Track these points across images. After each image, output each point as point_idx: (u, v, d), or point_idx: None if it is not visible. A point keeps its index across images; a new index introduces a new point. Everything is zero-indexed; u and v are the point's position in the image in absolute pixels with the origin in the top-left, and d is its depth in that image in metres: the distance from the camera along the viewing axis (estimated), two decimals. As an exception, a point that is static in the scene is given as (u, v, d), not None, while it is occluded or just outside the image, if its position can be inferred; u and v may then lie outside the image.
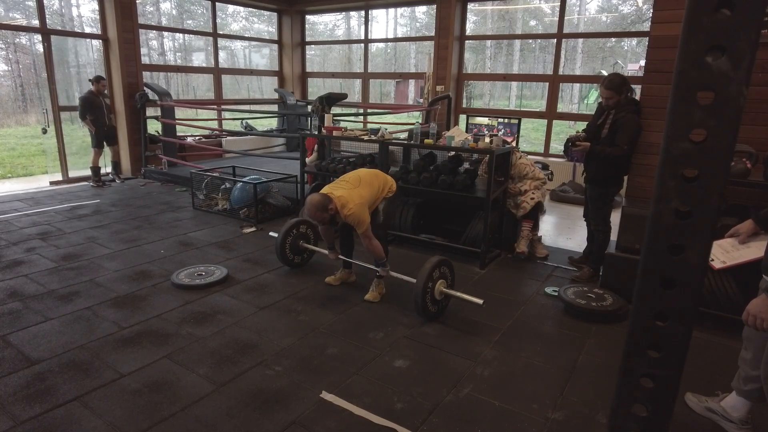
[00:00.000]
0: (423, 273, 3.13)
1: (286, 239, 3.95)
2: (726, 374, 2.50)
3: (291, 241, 3.98)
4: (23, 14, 10.60)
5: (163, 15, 13.64)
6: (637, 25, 14.23)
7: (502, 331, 3.13)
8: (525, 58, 17.94)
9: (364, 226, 3.25)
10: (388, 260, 3.49)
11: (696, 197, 1.03)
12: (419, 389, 2.49)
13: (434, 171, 4.50)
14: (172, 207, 5.95)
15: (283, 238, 3.94)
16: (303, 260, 4.15)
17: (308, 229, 4.12)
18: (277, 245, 3.95)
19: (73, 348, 2.78)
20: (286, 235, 3.95)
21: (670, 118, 1.02)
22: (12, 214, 5.45)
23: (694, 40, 0.95)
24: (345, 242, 3.72)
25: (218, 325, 3.08)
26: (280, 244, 3.94)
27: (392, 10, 14.58)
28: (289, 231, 3.97)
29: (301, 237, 4.06)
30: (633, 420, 1.26)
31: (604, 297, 3.41)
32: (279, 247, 3.94)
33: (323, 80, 11.58)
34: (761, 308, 1.66)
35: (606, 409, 2.35)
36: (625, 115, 3.55)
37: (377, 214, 3.47)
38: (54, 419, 2.19)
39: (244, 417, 2.24)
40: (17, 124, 12.81)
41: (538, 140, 11.17)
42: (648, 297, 1.15)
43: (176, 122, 7.78)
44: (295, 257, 4.05)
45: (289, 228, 3.98)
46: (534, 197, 4.38)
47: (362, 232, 3.28)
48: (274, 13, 10.04)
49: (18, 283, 3.63)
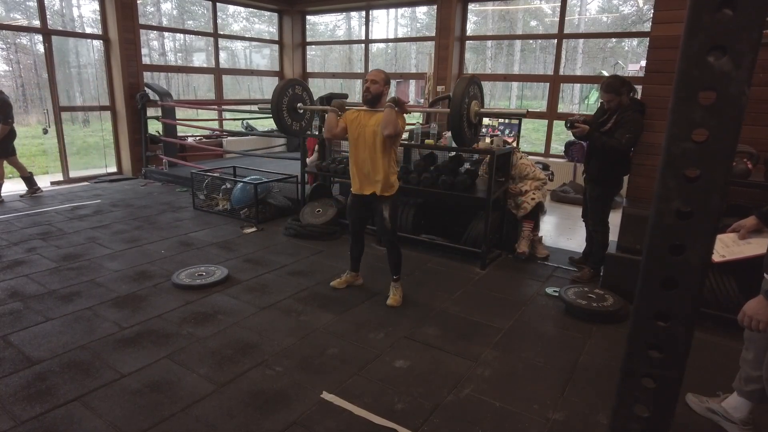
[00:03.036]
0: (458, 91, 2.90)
1: (282, 100, 3.66)
2: (727, 375, 2.50)
3: (287, 103, 3.71)
4: (24, 14, 10.60)
5: (164, 15, 13.65)
6: (637, 25, 14.23)
7: (503, 332, 3.12)
8: (525, 58, 17.94)
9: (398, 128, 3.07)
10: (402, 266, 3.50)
11: (697, 197, 1.03)
12: (420, 389, 2.48)
13: (435, 171, 4.50)
14: (173, 207, 5.95)
15: (278, 100, 3.64)
16: (301, 127, 3.87)
17: (303, 91, 3.87)
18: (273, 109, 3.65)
19: (73, 348, 2.78)
20: (281, 97, 3.66)
21: (672, 118, 1.01)
22: (13, 214, 5.46)
23: (695, 39, 0.95)
24: (355, 246, 3.64)
25: (219, 326, 3.08)
26: (276, 106, 3.63)
27: (393, 10, 14.59)
28: (283, 92, 3.68)
29: (297, 99, 3.79)
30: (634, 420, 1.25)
31: (605, 297, 3.41)
32: (275, 111, 3.62)
33: (324, 80, 11.59)
34: (757, 309, 1.65)
35: (607, 409, 2.35)
36: (631, 114, 3.55)
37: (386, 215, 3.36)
38: (54, 419, 2.19)
39: (244, 417, 2.24)
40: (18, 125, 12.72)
41: (539, 140, 11.16)
42: (649, 297, 1.14)
43: (177, 122, 7.79)
44: (293, 123, 3.80)
45: (282, 88, 3.68)
46: (535, 197, 4.38)
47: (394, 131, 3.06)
48: (275, 14, 10.05)
49: (19, 283, 3.63)
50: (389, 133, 3.05)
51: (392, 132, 3.05)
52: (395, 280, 3.49)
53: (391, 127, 3.04)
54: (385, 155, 3.22)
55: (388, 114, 3.05)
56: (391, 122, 3.04)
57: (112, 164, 7.91)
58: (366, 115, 3.26)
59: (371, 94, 3.22)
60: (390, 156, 3.26)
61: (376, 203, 3.36)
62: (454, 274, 4.07)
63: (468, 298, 3.61)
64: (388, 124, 3.04)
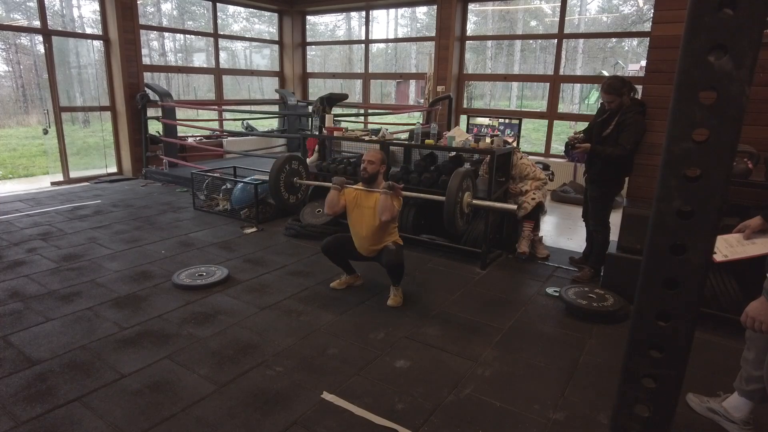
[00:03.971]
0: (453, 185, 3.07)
1: (279, 176, 3.77)
2: (728, 375, 2.50)
3: (284, 178, 3.81)
4: (24, 15, 10.61)
5: (164, 16, 13.66)
6: (637, 25, 14.23)
7: (503, 332, 3.12)
8: (526, 58, 17.94)
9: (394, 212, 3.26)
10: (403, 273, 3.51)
11: (698, 197, 1.03)
12: (420, 389, 2.48)
13: (435, 171, 4.50)
14: (173, 207, 5.95)
15: (276, 175, 3.75)
16: (297, 200, 4.00)
17: (300, 165, 3.98)
18: (271, 184, 3.77)
19: (74, 348, 2.78)
20: (279, 172, 3.78)
21: (672, 118, 1.01)
22: (13, 215, 5.46)
23: (696, 39, 0.95)
24: (338, 260, 3.65)
25: (219, 326, 3.08)
26: (274, 182, 3.75)
27: (393, 10, 14.58)
28: (281, 167, 3.80)
29: (294, 174, 3.89)
30: (635, 420, 1.25)
31: (606, 297, 3.41)
32: (273, 186, 3.74)
33: (324, 81, 11.58)
34: (760, 311, 1.65)
35: (608, 409, 2.35)
36: (633, 116, 3.54)
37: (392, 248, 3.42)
38: (55, 419, 2.19)
39: (245, 417, 2.24)
40: (18, 125, 12.83)
41: (539, 141, 11.16)
42: (650, 297, 1.14)
43: (177, 123, 7.79)
44: (290, 196, 3.91)
45: (281, 164, 3.80)
46: (535, 197, 4.37)
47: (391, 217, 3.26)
48: (275, 14, 10.05)
49: (19, 284, 3.63)
50: (386, 219, 3.26)
51: (389, 218, 3.26)
52: (395, 285, 3.50)
53: (388, 214, 3.24)
54: (385, 229, 3.42)
55: (384, 201, 3.24)
56: (388, 209, 3.23)
57: (112, 164, 7.92)
58: (364, 195, 3.45)
59: (368, 174, 3.41)
60: (389, 227, 3.44)
61: None
62: (454, 274, 4.07)
63: (468, 298, 3.60)
64: (385, 210, 3.23)
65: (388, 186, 3.26)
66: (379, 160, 3.45)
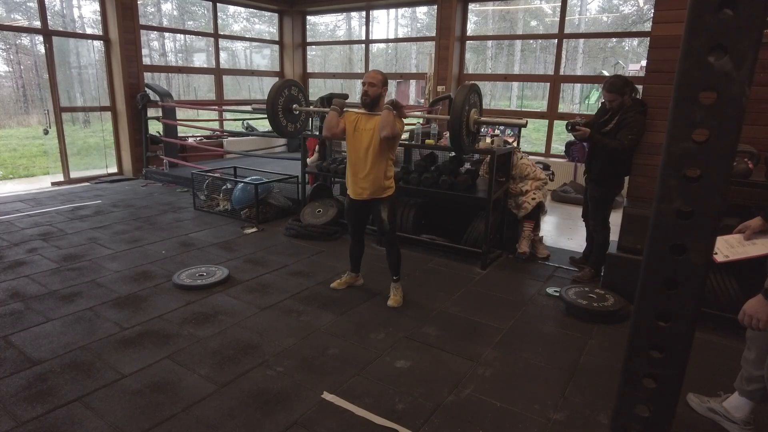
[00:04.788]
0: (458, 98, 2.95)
1: (277, 101, 3.65)
2: (728, 375, 2.50)
3: (283, 103, 3.68)
4: (25, 15, 10.62)
5: (164, 16, 13.67)
6: (638, 25, 14.23)
7: (504, 332, 3.12)
8: (526, 58, 17.94)
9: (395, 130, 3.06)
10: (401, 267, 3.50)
11: (698, 197, 1.03)
12: (420, 390, 2.48)
13: (435, 171, 4.50)
14: (174, 208, 5.95)
15: (273, 101, 3.63)
16: (296, 129, 3.87)
17: (299, 92, 3.85)
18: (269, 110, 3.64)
19: (74, 348, 2.78)
20: (277, 97, 3.64)
21: (672, 118, 1.01)
22: (14, 215, 5.46)
23: (696, 40, 0.95)
24: (356, 246, 3.63)
25: (219, 326, 3.09)
26: (272, 107, 3.63)
27: (393, 10, 14.60)
28: (279, 93, 3.66)
29: (293, 100, 3.76)
30: (635, 420, 1.25)
31: (606, 297, 3.41)
32: (270, 111, 3.61)
33: (324, 81, 11.59)
34: (757, 308, 1.66)
35: (608, 409, 2.35)
36: (633, 115, 3.55)
37: (384, 216, 3.35)
38: (55, 420, 2.20)
39: (245, 417, 2.24)
40: (19, 125, 12.84)
41: (539, 140, 11.16)
42: (650, 297, 1.14)
43: (177, 123, 7.79)
44: (288, 123, 3.79)
45: (278, 89, 3.66)
46: (535, 197, 4.37)
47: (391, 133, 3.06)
48: (275, 14, 10.05)
49: (20, 284, 3.63)
50: (387, 134, 3.06)
51: (389, 134, 3.05)
52: (395, 280, 3.49)
53: (389, 129, 3.04)
54: (382, 157, 3.22)
55: (386, 116, 3.05)
56: (389, 124, 3.04)
57: (112, 165, 7.92)
58: (365, 118, 3.26)
59: (370, 98, 3.21)
60: (387, 159, 3.26)
61: (373, 206, 3.36)
62: (454, 274, 4.07)
63: (469, 298, 3.61)
64: (386, 125, 3.04)
65: (391, 103, 3.06)
66: (380, 82, 3.21)
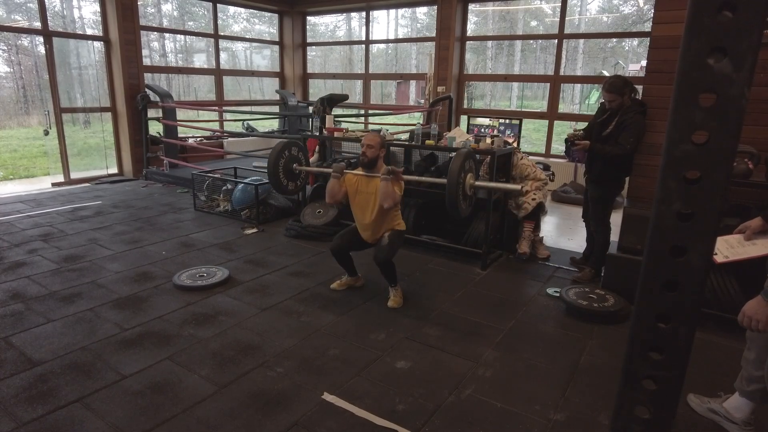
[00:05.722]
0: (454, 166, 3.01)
1: (279, 162, 3.75)
2: (728, 375, 2.50)
3: (284, 164, 3.78)
4: (25, 16, 10.63)
5: (165, 16, 13.67)
6: (638, 25, 14.23)
7: (504, 332, 3.12)
8: (526, 58, 17.93)
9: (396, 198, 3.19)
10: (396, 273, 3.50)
11: (698, 199, 1.03)
12: (421, 390, 2.49)
13: (435, 172, 4.50)
14: (174, 208, 5.95)
15: (275, 161, 3.73)
16: (296, 187, 4.01)
17: (299, 152, 3.96)
18: (270, 170, 3.74)
19: (75, 349, 2.78)
20: (278, 158, 3.75)
21: (672, 120, 1.01)
22: (14, 216, 5.46)
23: (695, 41, 0.95)
24: (342, 260, 3.62)
25: (220, 327, 3.09)
26: (273, 168, 3.72)
27: (393, 11, 14.57)
28: (280, 154, 3.77)
29: (294, 160, 3.87)
30: (635, 422, 1.25)
31: (606, 298, 3.41)
32: (271, 172, 3.71)
33: (324, 81, 11.59)
34: (756, 310, 1.66)
35: (608, 410, 2.35)
36: (633, 115, 3.55)
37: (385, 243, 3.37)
38: (56, 421, 2.20)
39: (245, 418, 2.24)
40: (19, 126, 12.85)
41: (540, 141, 11.16)
42: (650, 299, 1.14)
43: (177, 123, 7.79)
44: (289, 183, 3.92)
45: (280, 150, 3.77)
46: (535, 198, 4.38)
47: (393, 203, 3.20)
48: (275, 15, 10.06)
49: (20, 285, 3.64)
50: (389, 206, 3.21)
51: (392, 204, 3.21)
52: (393, 286, 3.49)
53: (390, 200, 3.19)
54: (388, 215, 3.36)
55: (385, 188, 3.18)
56: (389, 195, 3.17)
57: (112, 165, 7.92)
58: (365, 180, 3.38)
59: (368, 158, 3.35)
60: (392, 213, 3.38)
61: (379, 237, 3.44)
62: (454, 274, 4.08)
63: (469, 299, 3.61)
64: (387, 197, 3.18)
65: (387, 171, 3.18)
66: (378, 144, 3.36)
